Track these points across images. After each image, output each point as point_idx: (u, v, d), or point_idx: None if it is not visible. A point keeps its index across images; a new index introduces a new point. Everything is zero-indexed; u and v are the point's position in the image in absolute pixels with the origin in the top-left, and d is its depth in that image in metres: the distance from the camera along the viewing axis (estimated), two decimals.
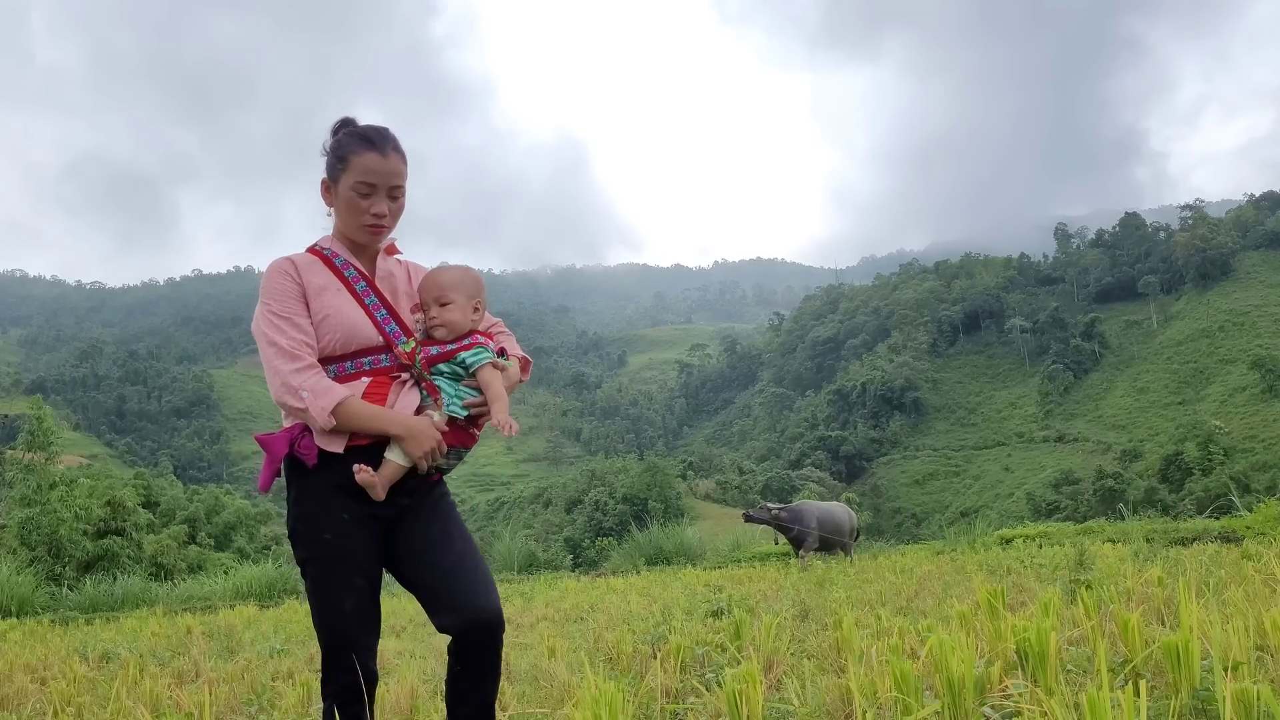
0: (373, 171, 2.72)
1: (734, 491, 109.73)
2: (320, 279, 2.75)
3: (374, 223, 2.75)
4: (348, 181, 2.73)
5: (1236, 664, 2.83)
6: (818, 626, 5.63)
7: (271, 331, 2.68)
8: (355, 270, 2.80)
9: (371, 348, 2.75)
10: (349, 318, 2.73)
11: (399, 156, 2.76)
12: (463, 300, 2.83)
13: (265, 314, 2.70)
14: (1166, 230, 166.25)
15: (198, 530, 45.62)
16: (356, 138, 2.75)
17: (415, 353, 2.75)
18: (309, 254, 2.82)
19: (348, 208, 2.76)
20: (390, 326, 2.78)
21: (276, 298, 2.71)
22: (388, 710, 3.96)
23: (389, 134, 2.79)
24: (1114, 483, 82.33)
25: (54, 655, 7.70)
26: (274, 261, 2.78)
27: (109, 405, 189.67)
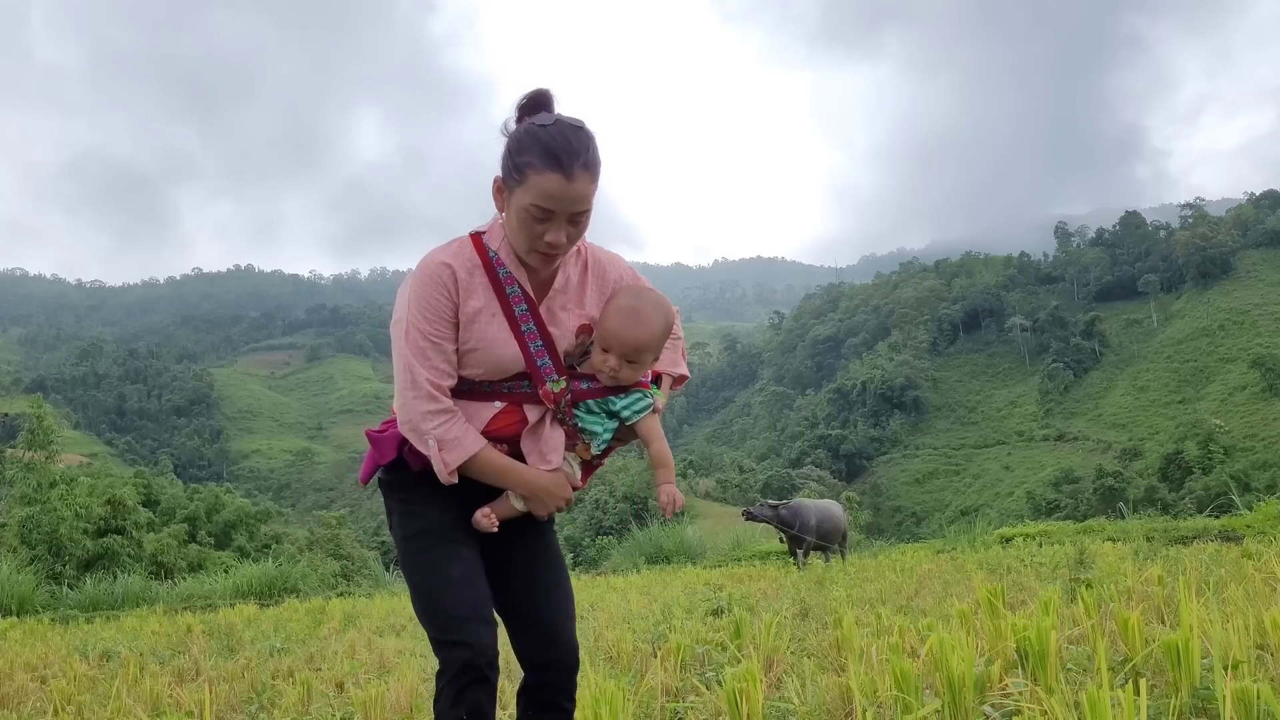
0: (553, 197, 2.26)
1: (734, 490, 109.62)
2: (477, 301, 2.40)
3: (547, 251, 2.34)
4: (522, 199, 2.29)
5: (1237, 663, 2.83)
6: (818, 625, 5.63)
7: (414, 356, 2.38)
8: (520, 289, 2.43)
9: (515, 375, 2.47)
10: (499, 355, 2.42)
11: (588, 175, 2.28)
12: (650, 360, 2.52)
13: (411, 330, 2.38)
14: (1167, 229, 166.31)
15: (198, 529, 45.51)
16: (541, 148, 2.26)
17: (563, 394, 2.47)
18: (473, 250, 2.43)
19: (520, 227, 2.33)
20: (543, 360, 2.44)
21: (427, 315, 2.37)
22: (388, 709, 3.96)
23: (581, 145, 2.28)
24: (1114, 481, 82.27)
25: (54, 654, 7.70)
26: (431, 259, 2.41)
27: (109, 404, 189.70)
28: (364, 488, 2.84)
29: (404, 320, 2.39)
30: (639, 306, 2.47)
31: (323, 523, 50.35)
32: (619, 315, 2.45)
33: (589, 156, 2.29)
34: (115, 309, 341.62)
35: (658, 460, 2.56)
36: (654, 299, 2.51)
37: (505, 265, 2.42)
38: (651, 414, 2.54)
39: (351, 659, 6.03)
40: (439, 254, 2.41)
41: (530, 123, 2.31)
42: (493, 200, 2.43)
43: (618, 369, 2.46)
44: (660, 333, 2.50)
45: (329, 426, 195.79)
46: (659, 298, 2.54)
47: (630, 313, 2.46)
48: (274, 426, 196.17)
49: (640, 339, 2.45)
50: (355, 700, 4.03)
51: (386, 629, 8.35)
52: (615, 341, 2.44)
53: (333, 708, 4.36)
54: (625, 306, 2.47)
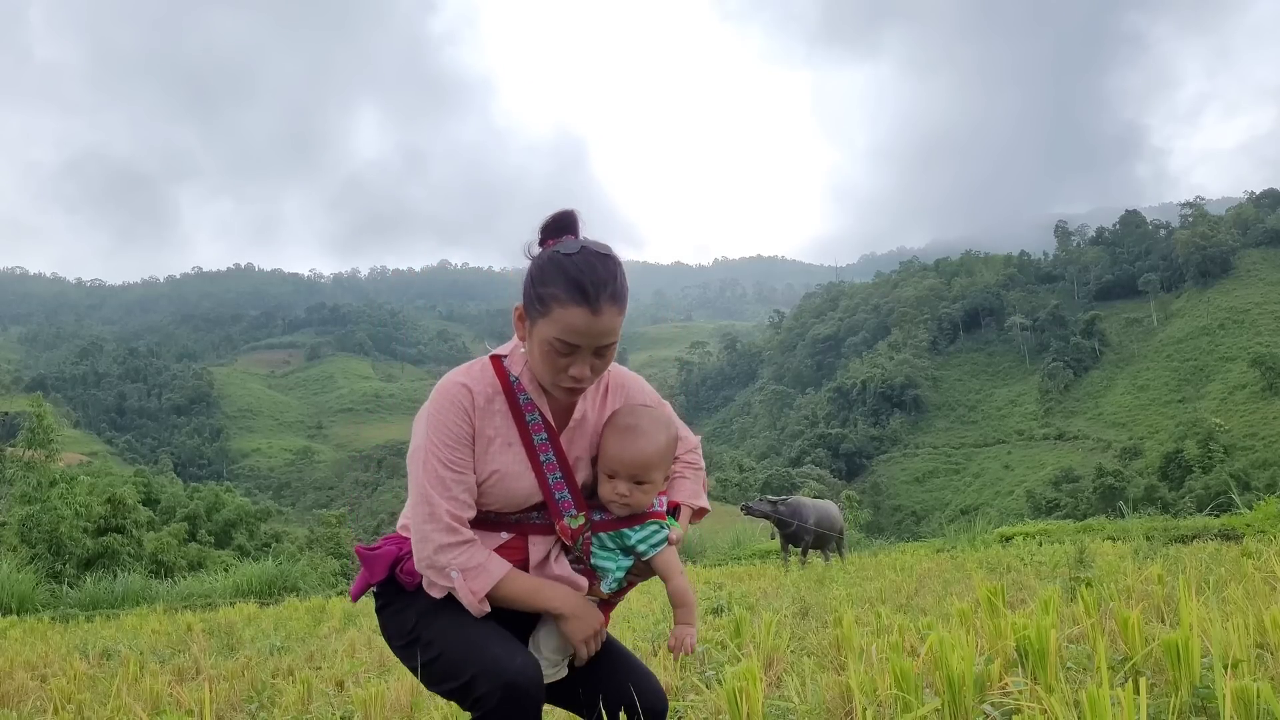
0: (578, 332, 2.13)
1: (734, 489, 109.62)
2: (495, 428, 2.28)
3: (571, 385, 2.22)
4: (545, 333, 2.16)
5: (1236, 662, 2.83)
6: (818, 624, 5.63)
7: (433, 487, 2.23)
8: (539, 416, 2.31)
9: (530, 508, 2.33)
10: (512, 487, 2.29)
11: (616, 308, 2.15)
12: (660, 478, 2.36)
13: (430, 459, 2.24)
14: (1167, 228, 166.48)
15: (198, 528, 45.61)
16: (566, 280, 2.13)
17: (581, 530, 2.32)
18: (493, 375, 2.31)
19: (542, 360, 2.20)
20: (561, 494, 2.31)
21: (446, 441, 2.23)
22: (388, 708, 3.95)
23: (608, 275, 2.15)
24: (1114, 480, 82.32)
25: (54, 652, 7.70)
26: (449, 382, 2.28)
27: (109, 403, 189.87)
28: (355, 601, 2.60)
29: (422, 448, 2.25)
30: (637, 424, 2.33)
31: (323, 521, 50.44)
32: (617, 436, 2.31)
33: (616, 287, 2.15)
34: (115, 308, 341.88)
35: (676, 598, 2.38)
36: (653, 414, 2.37)
37: (526, 391, 2.30)
38: (668, 547, 2.35)
39: (351, 658, 6.03)
40: (457, 376, 2.29)
41: (555, 250, 2.17)
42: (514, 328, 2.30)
43: (627, 495, 2.29)
44: (664, 447, 2.34)
45: (329, 425, 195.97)
46: (660, 413, 2.40)
47: (628, 431, 2.31)
48: (274, 425, 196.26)
49: (643, 456, 2.29)
50: (355, 699, 4.03)
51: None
52: (618, 464, 2.29)
53: (333, 706, 4.36)
54: (622, 426, 2.33)
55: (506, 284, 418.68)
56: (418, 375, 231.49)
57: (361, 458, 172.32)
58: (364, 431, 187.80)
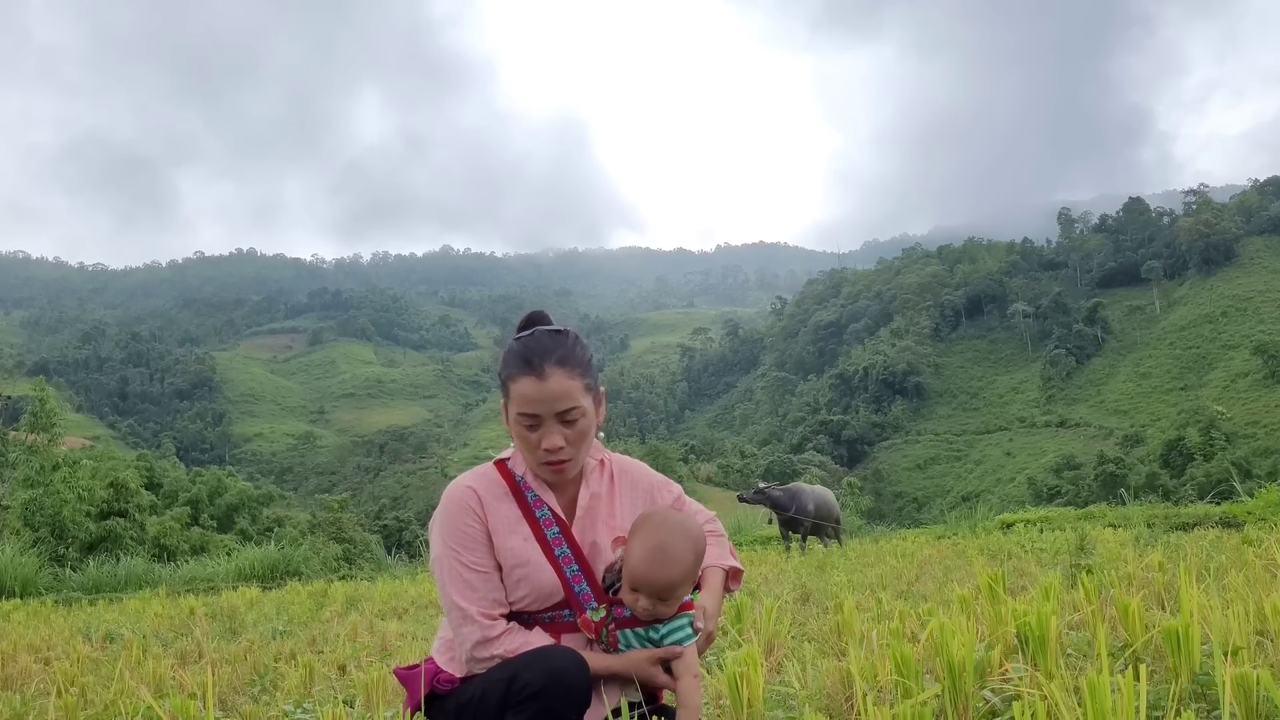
0: (529, 399, 2.23)
1: (736, 475, 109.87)
2: (508, 523, 2.32)
3: (549, 459, 2.27)
4: (511, 412, 2.28)
5: (1236, 649, 2.84)
6: (818, 610, 5.64)
7: (457, 591, 2.27)
8: (549, 511, 2.34)
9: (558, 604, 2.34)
10: (542, 579, 2.30)
11: (564, 372, 2.24)
12: (684, 592, 2.33)
13: (449, 562, 2.28)
14: (1170, 215, 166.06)
15: (200, 512, 45.75)
16: (515, 357, 2.28)
17: (604, 624, 2.30)
18: (496, 475, 2.37)
19: (519, 442, 2.31)
20: (580, 587, 2.32)
21: (462, 543, 2.28)
22: (390, 692, 3.97)
23: (555, 345, 2.28)
24: (1115, 468, 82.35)
25: (57, 636, 7.73)
26: (454, 486, 2.34)
27: (111, 387, 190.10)
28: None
29: (442, 557, 2.30)
30: (666, 544, 2.27)
31: (325, 506, 50.51)
32: (646, 557, 2.25)
33: (564, 354, 2.26)
34: (117, 292, 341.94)
35: (682, 698, 2.30)
36: (682, 530, 2.31)
37: (532, 489, 2.35)
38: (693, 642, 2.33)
39: (353, 642, 6.05)
40: (463, 480, 2.36)
41: (512, 339, 2.35)
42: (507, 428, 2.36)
43: (650, 609, 2.27)
44: (691, 566, 2.31)
45: (331, 410, 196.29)
46: (687, 525, 2.33)
47: (657, 553, 2.25)
48: (276, 410, 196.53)
49: (671, 580, 2.27)
50: (357, 683, 4.04)
51: (388, 612, 8.38)
52: (644, 584, 2.25)
53: (335, 690, 4.37)
54: (652, 545, 2.26)
55: (508, 269, 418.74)
56: (420, 360, 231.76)
57: (364, 443, 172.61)
58: (366, 416, 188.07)
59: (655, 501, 2.50)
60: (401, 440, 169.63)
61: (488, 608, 2.26)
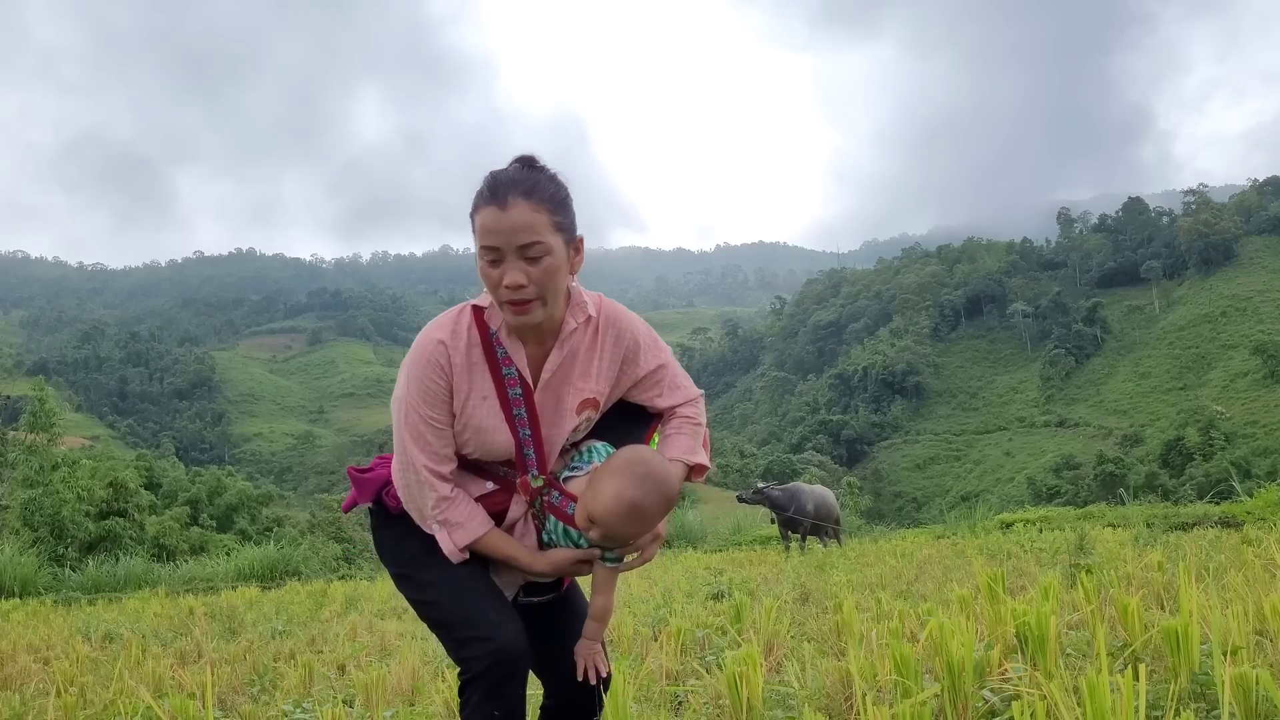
0: (489, 231, 2.11)
1: (735, 475, 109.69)
2: (472, 382, 2.28)
3: (510, 298, 2.15)
4: (476, 247, 2.17)
5: (1236, 648, 2.84)
6: (818, 610, 5.65)
7: (411, 440, 2.26)
8: (515, 371, 2.28)
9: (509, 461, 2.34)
10: (493, 440, 2.29)
11: (529, 204, 2.11)
12: (649, 539, 2.32)
13: (408, 410, 2.27)
14: (1169, 215, 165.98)
15: (200, 512, 45.68)
16: (482, 188, 2.17)
17: (539, 492, 2.32)
18: (473, 325, 2.29)
19: (483, 279, 2.20)
20: (527, 451, 2.29)
21: (424, 397, 2.26)
22: (389, 692, 3.97)
23: (522, 177, 2.16)
24: (1115, 468, 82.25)
25: (57, 635, 7.73)
26: (428, 337, 2.28)
27: (111, 387, 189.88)
28: None
29: (402, 399, 2.29)
30: (642, 503, 2.19)
31: (324, 506, 50.54)
32: (616, 511, 2.19)
33: (530, 185, 2.13)
34: (117, 292, 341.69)
35: (595, 611, 2.35)
36: (660, 488, 2.22)
37: (504, 345, 2.28)
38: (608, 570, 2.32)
39: (353, 642, 6.05)
40: (436, 331, 2.28)
41: None
42: None
43: (598, 541, 2.26)
44: (657, 522, 2.27)
45: (330, 410, 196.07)
46: (666, 483, 2.24)
47: (633, 512, 2.19)
48: (275, 410, 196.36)
49: (634, 535, 2.25)
50: (357, 682, 4.05)
51: (388, 612, 8.38)
52: (606, 530, 2.21)
53: (334, 690, 4.37)
54: (629, 502, 2.18)
55: None
56: None
57: (363, 442, 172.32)
58: (366, 416, 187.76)
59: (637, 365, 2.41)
60: None
61: (437, 464, 2.27)
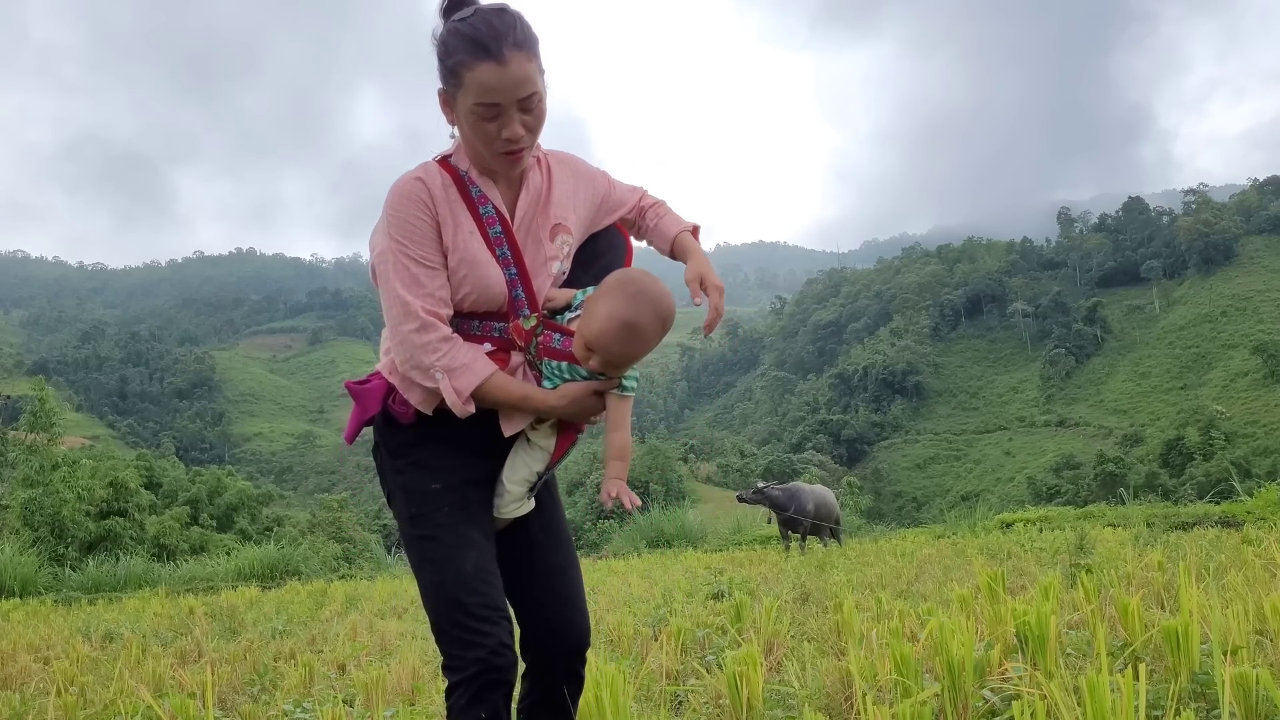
0: (492, 89, 2.08)
1: (735, 475, 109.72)
2: (455, 217, 2.21)
3: (507, 149, 2.15)
4: (465, 103, 2.12)
5: (1236, 648, 2.84)
6: (818, 609, 5.65)
7: (403, 286, 2.16)
8: (492, 209, 2.23)
9: (499, 313, 2.27)
10: (485, 275, 2.21)
11: (523, 55, 2.09)
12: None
13: (395, 255, 2.17)
14: (1170, 215, 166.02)
15: (200, 511, 45.69)
16: (465, 42, 2.09)
17: (534, 334, 2.24)
18: (440, 170, 2.24)
19: (474, 132, 2.15)
20: (515, 291, 2.24)
21: (410, 236, 2.17)
22: (389, 691, 3.97)
23: (506, 26, 2.10)
24: (1115, 467, 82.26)
25: (57, 635, 7.73)
26: (403, 181, 2.21)
27: (111, 386, 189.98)
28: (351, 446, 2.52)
29: (386, 251, 2.19)
30: (637, 321, 2.16)
31: (324, 505, 50.46)
32: (614, 331, 2.16)
33: (518, 35, 2.10)
34: (117, 291, 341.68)
35: (615, 450, 2.26)
36: (654, 305, 2.20)
37: (476, 184, 2.23)
38: (625, 398, 2.26)
39: (353, 641, 6.05)
40: (406, 176, 2.22)
41: (451, 20, 2.14)
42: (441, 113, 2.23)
43: (598, 369, 2.21)
44: (655, 343, 2.23)
45: (331, 410, 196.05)
46: (659, 298, 2.21)
47: (628, 330, 2.16)
48: (276, 410, 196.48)
49: (633, 356, 2.20)
50: (357, 682, 4.05)
51: (388, 611, 8.38)
52: (604, 352, 2.17)
53: (334, 689, 4.37)
54: (623, 321, 2.15)
55: None
56: None
57: (363, 442, 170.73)
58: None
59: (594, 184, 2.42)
60: None
61: (434, 305, 2.18)
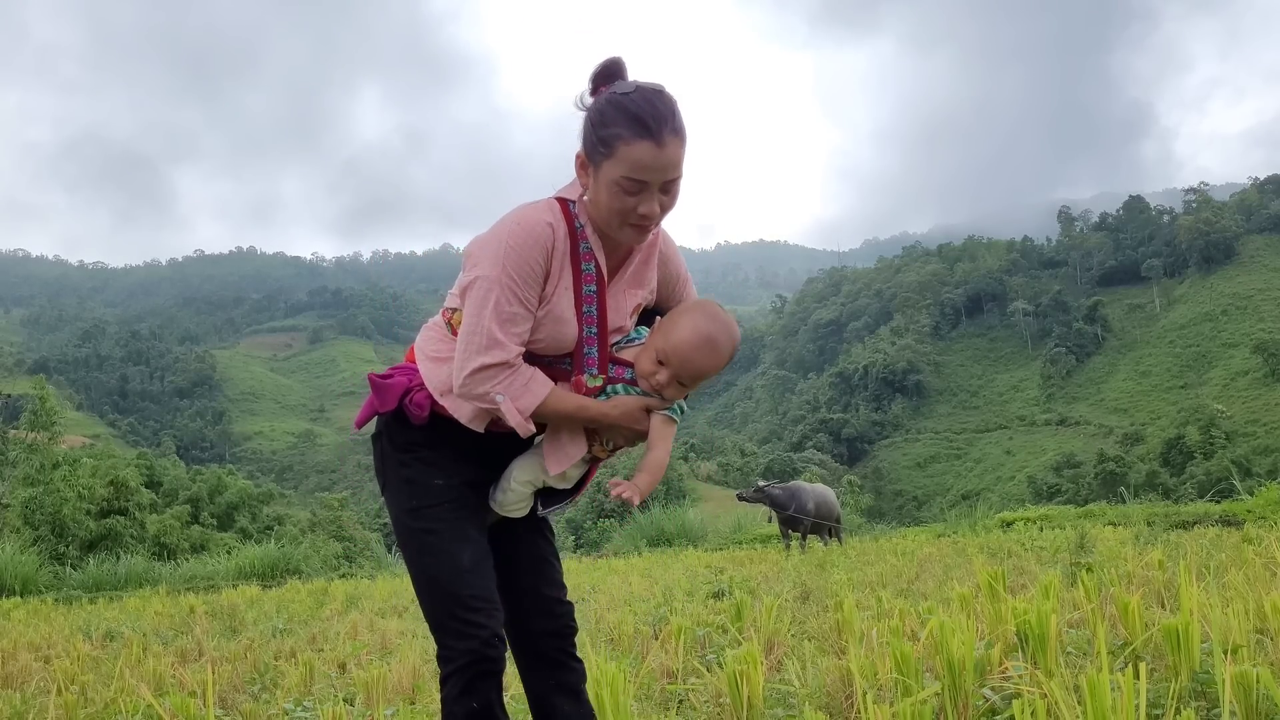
0: (646, 167, 2.12)
1: (736, 474, 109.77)
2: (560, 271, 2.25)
3: (640, 224, 2.20)
4: (612, 173, 2.15)
5: (1236, 647, 2.84)
6: (818, 608, 5.65)
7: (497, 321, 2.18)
8: (594, 268, 2.28)
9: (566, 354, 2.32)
10: (565, 331, 2.27)
11: (678, 141, 2.15)
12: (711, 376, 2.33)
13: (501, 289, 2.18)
14: (1170, 214, 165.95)
15: (200, 510, 45.70)
16: (628, 118, 2.13)
17: (596, 392, 2.30)
18: (563, 215, 2.26)
19: (610, 201, 2.17)
20: (589, 349, 2.29)
21: (525, 278, 2.19)
22: (390, 690, 3.97)
23: (668, 110, 2.15)
24: (1115, 466, 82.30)
25: (58, 634, 7.74)
26: (533, 217, 2.22)
27: (111, 385, 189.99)
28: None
29: (490, 279, 2.18)
30: (717, 337, 2.27)
31: (325, 505, 50.50)
32: (697, 343, 2.25)
33: (676, 122, 2.15)
34: (117, 290, 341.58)
35: (650, 464, 2.32)
36: (729, 329, 2.31)
37: (588, 239, 2.27)
38: (667, 421, 2.33)
39: (354, 640, 6.06)
40: (539, 213, 2.23)
41: (611, 92, 2.18)
42: (577, 177, 2.27)
43: (665, 386, 2.27)
44: (725, 364, 2.31)
45: (331, 409, 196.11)
46: (732, 324, 2.33)
47: (709, 344, 2.26)
48: (276, 409, 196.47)
49: (706, 372, 2.27)
50: (357, 681, 4.05)
51: (388, 610, 8.38)
52: (681, 366, 2.25)
53: (335, 688, 4.38)
54: (705, 334, 2.26)
55: None
56: None
57: (364, 441, 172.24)
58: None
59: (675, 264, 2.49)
60: None
61: (519, 347, 2.22)
